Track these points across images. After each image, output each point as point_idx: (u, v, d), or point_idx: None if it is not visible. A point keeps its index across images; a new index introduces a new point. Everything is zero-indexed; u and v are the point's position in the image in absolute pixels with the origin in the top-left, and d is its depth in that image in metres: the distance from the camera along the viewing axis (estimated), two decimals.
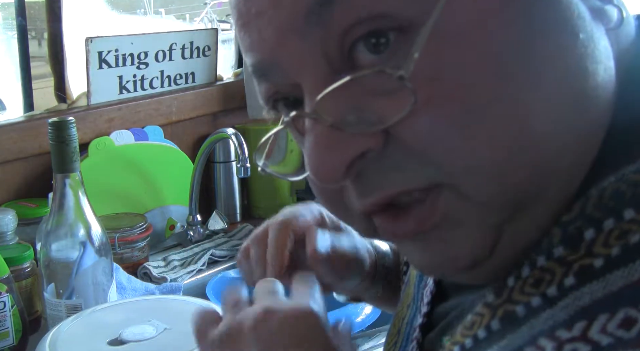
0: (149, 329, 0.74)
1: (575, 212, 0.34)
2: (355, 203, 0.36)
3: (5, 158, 1.17)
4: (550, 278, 0.33)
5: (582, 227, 0.33)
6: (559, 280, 0.33)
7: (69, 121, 0.84)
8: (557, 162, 0.33)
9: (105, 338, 0.73)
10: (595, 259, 0.31)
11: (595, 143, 0.35)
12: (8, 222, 0.98)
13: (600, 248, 0.31)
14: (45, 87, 1.31)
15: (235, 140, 1.26)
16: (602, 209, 0.32)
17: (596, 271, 0.31)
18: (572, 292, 0.32)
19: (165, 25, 3.52)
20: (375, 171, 0.34)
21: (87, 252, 0.86)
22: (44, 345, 0.72)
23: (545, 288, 0.33)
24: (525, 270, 0.35)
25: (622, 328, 0.29)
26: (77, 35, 1.34)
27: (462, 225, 0.34)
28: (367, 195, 0.35)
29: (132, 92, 1.38)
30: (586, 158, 0.35)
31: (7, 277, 0.90)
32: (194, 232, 1.35)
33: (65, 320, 0.78)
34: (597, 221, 0.32)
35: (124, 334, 0.73)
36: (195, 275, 1.23)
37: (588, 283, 0.31)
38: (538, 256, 0.34)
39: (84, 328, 0.76)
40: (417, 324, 0.46)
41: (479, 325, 0.37)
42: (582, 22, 0.33)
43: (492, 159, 0.32)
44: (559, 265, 0.33)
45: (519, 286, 0.35)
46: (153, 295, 1.04)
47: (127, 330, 0.74)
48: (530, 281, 0.34)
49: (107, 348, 0.72)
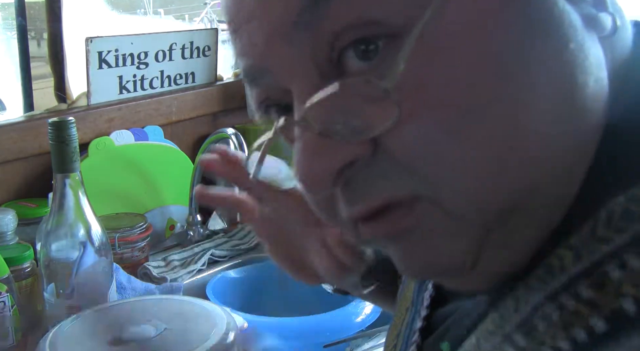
0: (149, 329, 0.73)
1: (585, 233, 0.33)
2: (343, 211, 0.36)
3: (5, 158, 1.17)
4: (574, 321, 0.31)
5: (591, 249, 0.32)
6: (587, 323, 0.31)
7: (69, 121, 0.84)
8: (547, 170, 0.33)
9: (105, 338, 0.73)
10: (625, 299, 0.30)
11: (585, 156, 0.34)
12: (8, 221, 0.98)
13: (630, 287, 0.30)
14: (45, 87, 1.31)
15: (235, 140, 1.26)
16: (613, 230, 0.31)
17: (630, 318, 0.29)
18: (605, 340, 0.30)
19: (164, 25, 3.52)
20: (364, 179, 0.34)
21: (87, 252, 0.86)
22: (44, 345, 0.72)
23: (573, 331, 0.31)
24: (545, 305, 0.33)
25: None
26: (77, 35, 1.33)
27: (437, 234, 0.34)
28: (354, 203, 0.35)
29: (132, 92, 1.38)
30: (579, 169, 0.34)
31: (7, 277, 0.90)
32: (194, 232, 1.35)
33: (65, 320, 0.78)
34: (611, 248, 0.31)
35: (124, 334, 0.73)
36: (195, 275, 1.23)
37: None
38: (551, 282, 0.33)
39: (84, 328, 0.76)
40: (417, 327, 0.46)
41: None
42: (573, 31, 0.33)
43: (485, 163, 0.32)
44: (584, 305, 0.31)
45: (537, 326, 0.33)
46: (153, 295, 1.04)
47: (127, 330, 0.73)
48: (554, 319, 0.33)
49: (107, 348, 0.71)
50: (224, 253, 1.31)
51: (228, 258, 1.31)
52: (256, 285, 1.22)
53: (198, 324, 0.72)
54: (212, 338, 0.69)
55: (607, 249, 0.31)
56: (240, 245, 1.34)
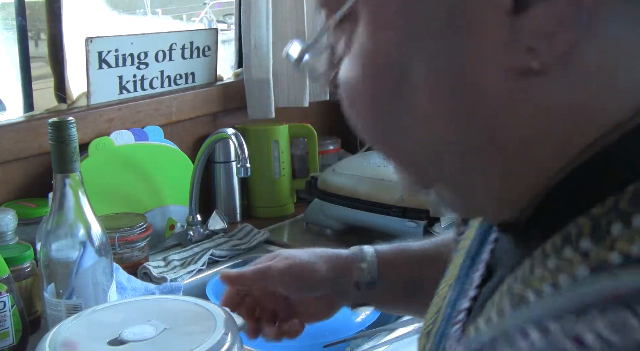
0: (148, 329, 0.73)
1: (608, 206, 0.33)
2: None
3: (5, 158, 1.17)
4: (568, 269, 0.33)
5: (611, 221, 0.33)
6: (572, 271, 0.33)
7: (69, 121, 0.84)
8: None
9: (105, 338, 0.73)
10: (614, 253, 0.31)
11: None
12: (8, 222, 0.98)
13: (623, 244, 0.31)
14: (45, 87, 1.31)
15: (235, 140, 1.26)
16: (635, 205, 0.32)
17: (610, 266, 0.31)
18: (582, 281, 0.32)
19: (162, 25, 3.52)
20: None
21: (87, 252, 0.85)
22: (44, 345, 0.72)
23: (559, 277, 0.33)
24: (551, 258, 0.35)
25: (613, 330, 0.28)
26: (77, 35, 1.34)
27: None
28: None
29: (132, 92, 1.38)
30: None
31: (7, 277, 0.90)
32: (194, 232, 1.35)
33: (65, 320, 0.78)
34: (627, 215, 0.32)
35: (124, 334, 0.73)
36: (195, 275, 1.23)
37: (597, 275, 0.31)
38: (565, 246, 0.34)
39: (84, 328, 0.76)
40: (463, 307, 0.47)
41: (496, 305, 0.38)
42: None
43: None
44: (580, 256, 0.33)
45: (539, 274, 0.35)
46: (153, 295, 1.04)
47: (127, 330, 0.73)
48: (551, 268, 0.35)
49: (107, 348, 0.71)
50: (224, 253, 1.31)
51: (228, 258, 1.31)
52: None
53: (198, 324, 0.72)
54: (212, 338, 0.69)
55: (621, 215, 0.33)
56: (240, 245, 1.34)
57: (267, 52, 1.52)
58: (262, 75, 1.52)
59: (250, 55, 1.52)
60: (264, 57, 1.52)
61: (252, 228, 1.41)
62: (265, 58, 1.52)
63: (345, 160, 1.51)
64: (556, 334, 0.30)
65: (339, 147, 1.75)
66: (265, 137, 1.53)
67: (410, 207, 1.28)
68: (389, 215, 1.30)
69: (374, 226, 1.34)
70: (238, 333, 0.71)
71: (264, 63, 1.52)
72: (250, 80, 1.52)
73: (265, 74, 1.52)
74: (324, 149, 1.70)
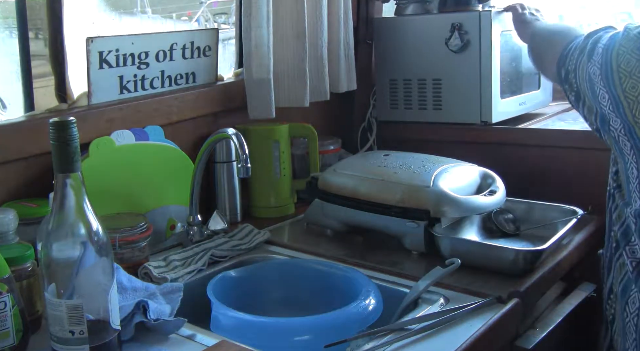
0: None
1: None
2: None
3: (5, 158, 1.17)
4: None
5: None
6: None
7: (69, 121, 0.84)
8: None
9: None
10: None
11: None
12: (9, 221, 0.98)
13: None
14: (46, 87, 1.31)
15: (236, 140, 1.26)
16: None
17: None
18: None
19: (153, 24, 3.53)
20: None
21: (88, 251, 0.85)
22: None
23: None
24: None
25: None
26: (77, 35, 1.34)
27: None
28: None
29: (132, 92, 1.38)
30: None
31: (8, 277, 0.90)
32: (194, 232, 1.35)
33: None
34: None
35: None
36: (196, 275, 1.23)
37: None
38: None
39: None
40: None
41: None
42: None
43: None
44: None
45: None
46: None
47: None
48: None
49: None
50: (224, 253, 1.31)
51: (228, 258, 1.31)
52: (256, 285, 1.22)
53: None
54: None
55: None
56: (240, 245, 1.34)
57: (268, 52, 1.52)
58: (262, 75, 1.52)
59: (251, 55, 1.52)
60: (264, 57, 1.52)
61: (252, 228, 1.41)
62: (266, 58, 1.52)
63: (345, 160, 1.52)
64: None
65: (339, 147, 1.75)
66: (266, 137, 1.53)
67: (410, 207, 1.28)
68: (389, 215, 1.30)
69: (374, 226, 1.34)
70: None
71: (264, 63, 1.52)
72: (250, 80, 1.52)
73: (266, 74, 1.52)
74: (324, 149, 1.70)
